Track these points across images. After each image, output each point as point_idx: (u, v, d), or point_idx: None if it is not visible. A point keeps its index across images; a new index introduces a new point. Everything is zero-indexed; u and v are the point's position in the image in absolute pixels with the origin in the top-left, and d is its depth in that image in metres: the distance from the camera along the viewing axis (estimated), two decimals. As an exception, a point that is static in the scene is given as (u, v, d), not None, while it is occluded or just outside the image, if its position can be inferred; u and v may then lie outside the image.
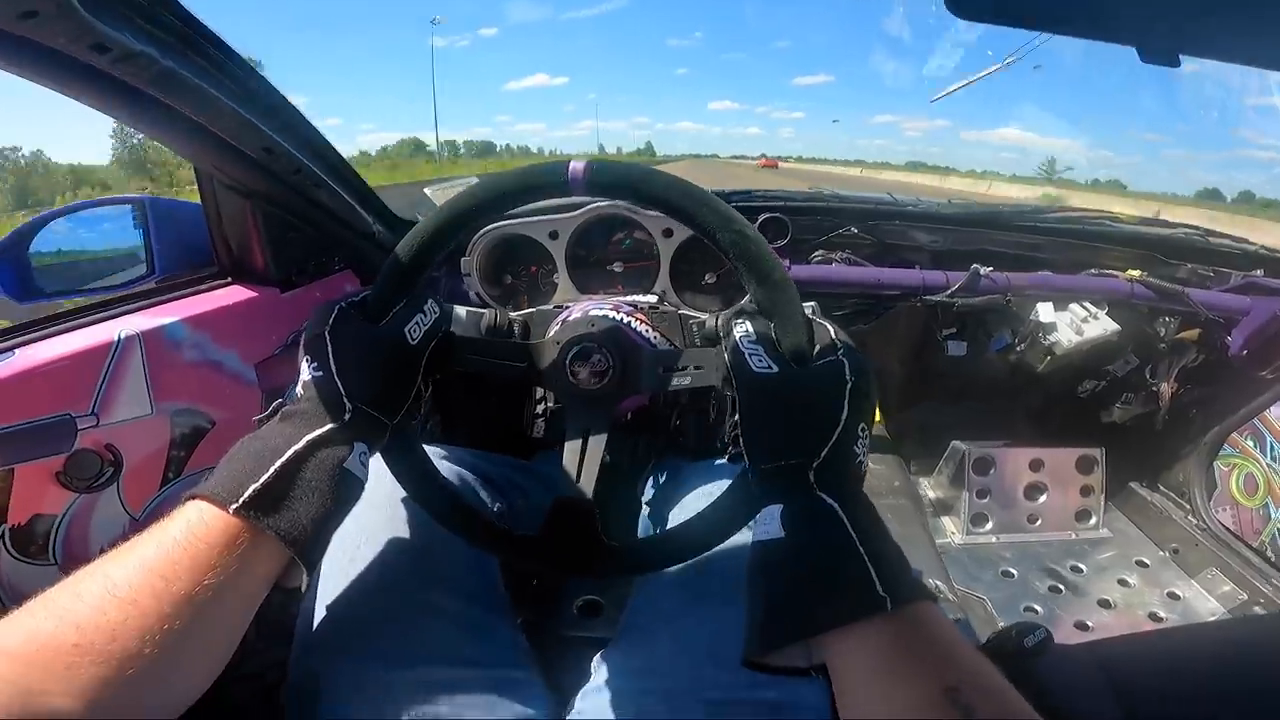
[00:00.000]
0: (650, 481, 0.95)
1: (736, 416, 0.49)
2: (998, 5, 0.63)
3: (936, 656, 0.38)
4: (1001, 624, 1.27)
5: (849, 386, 0.46)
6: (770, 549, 0.44)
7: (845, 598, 0.39)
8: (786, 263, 1.19)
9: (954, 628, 0.40)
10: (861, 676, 0.39)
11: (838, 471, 0.45)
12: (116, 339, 0.78)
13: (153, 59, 0.59)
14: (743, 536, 0.51)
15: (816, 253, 1.29)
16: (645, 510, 0.91)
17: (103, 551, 0.42)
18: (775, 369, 0.49)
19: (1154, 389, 1.43)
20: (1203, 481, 1.48)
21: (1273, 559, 1.31)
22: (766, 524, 0.45)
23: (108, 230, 0.97)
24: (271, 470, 0.44)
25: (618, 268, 1.11)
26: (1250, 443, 1.39)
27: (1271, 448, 1.35)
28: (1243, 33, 0.64)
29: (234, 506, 0.42)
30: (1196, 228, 1.44)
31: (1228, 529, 1.42)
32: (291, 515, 0.44)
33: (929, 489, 1.66)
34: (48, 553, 0.77)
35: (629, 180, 0.53)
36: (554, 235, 1.05)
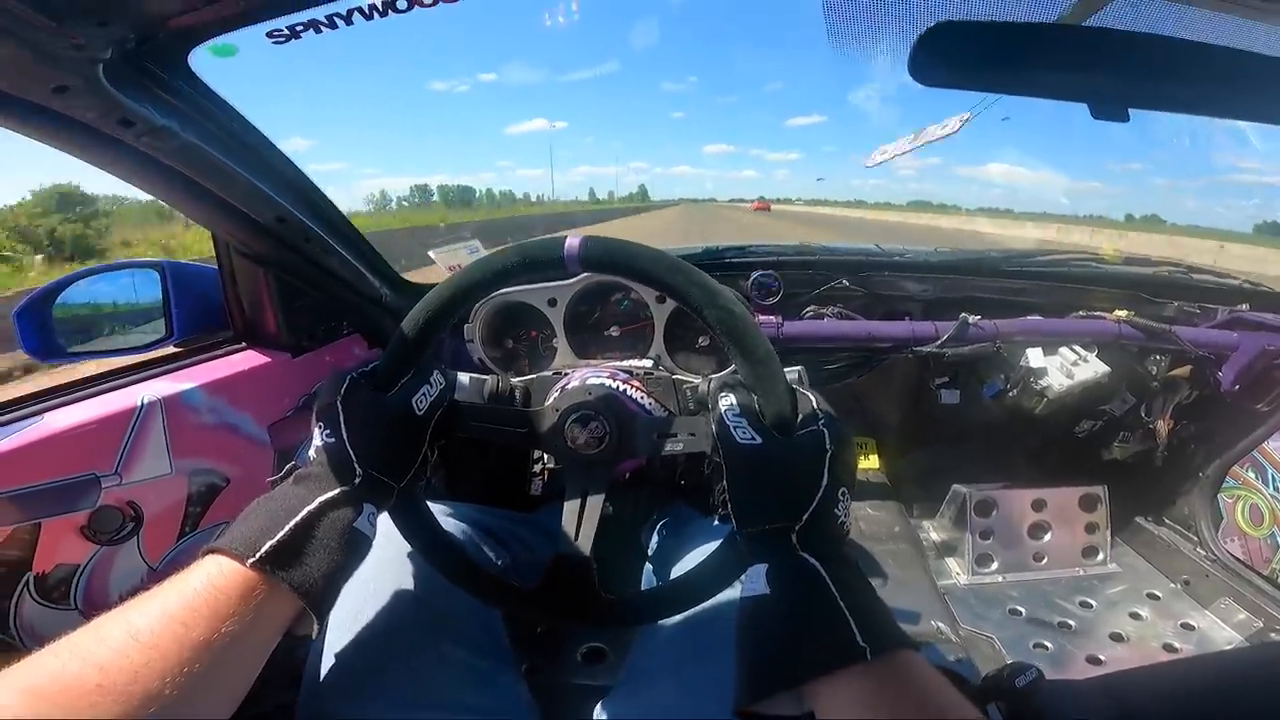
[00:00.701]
0: (654, 532, 0.97)
1: (724, 483, 0.52)
2: (957, 72, 0.69)
3: (915, 703, 0.40)
4: (1009, 661, 1.26)
5: (829, 455, 0.50)
6: (757, 605, 0.47)
7: (826, 649, 0.42)
8: (780, 319, 1.22)
9: (938, 676, 0.42)
10: None
11: (819, 533, 0.48)
12: (140, 404, 0.82)
13: (174, 133, 0.64)
14: (738, 589, 0.53)
15: (809, 308, 1.31)
16: (646, 561, 0.93)
17: (122, 598, 0.45)
18: (759, 440, 0.52)
19: (1151, 426, 1.44)
20: (1208, 514, 1.47)
21: None
22: (753, 582, 0.48)
23: (128, 292, 1.01)
24: (287, 528, 0.48)
25: (614, 332, 1.14)
26: (1252, 474, 1.39)
27: (1273, 479, 1.35)
28: (1182, 86, 0.69)
29: (251, 561, 0.45)
30: (1179, 265, 1.47)
31: (1237, 559, 1.41)
32: (305, 570, 0.47)
33: (932, 532, 1.66)
34: (69, 599, 0.80)
35: (622, 258, 0.57)
36: (552, 303, 1.09)
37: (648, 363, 1.05)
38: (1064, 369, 1.27)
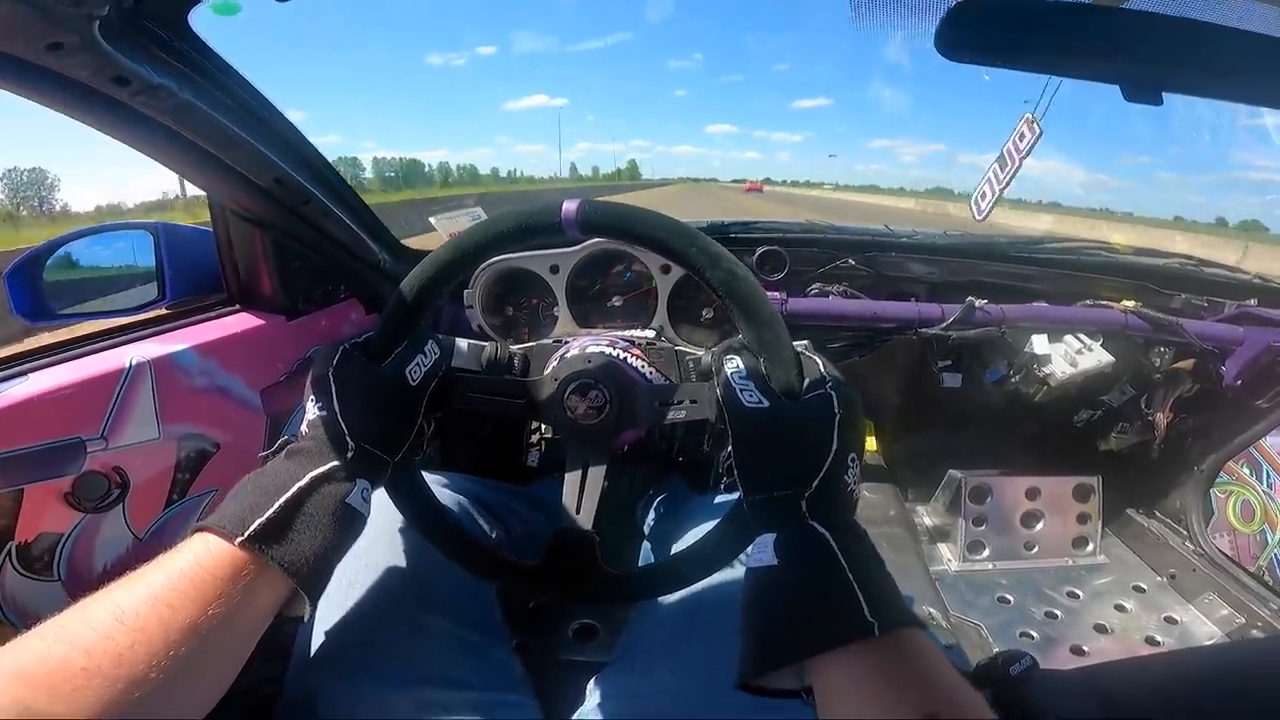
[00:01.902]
0: (650, 509, 0.97)
1: (730, 449, 0.51)
2: (986, 48, 0.66)
3: (919, 683, 0.39)
4: (996, 649, 1.28)
5: (838, 419, 0.48)
6: (764, 576, 0.46)
7: (833, 622, 0.41)
8: (784, 295, 1.21)
9: (941, 655, 0.41)
10: (844, 699, 0.40)
11: (829, 501, 0.46)
12: (128, 365, 0.80)
13: (171, 91, 0.61)
14: (737, 565, 0.53)
15: (814, 285, 1.30)
16: (644, 538, 0.93)
17: (106, 568, 0.44)
18: (766, 403, 0.50)
19: (1150, 418, 1.44)
20: (1200, 508, 1.48)
21: (1270, 583, 1.32)
22: (760, 552, 0.47)
23: (121, 253, 0.99)
24: (277, 505, 0.46)
25: (617, 302, 1.13)
26: (1246, 470, 1.40)
27: (1268, 475, 1.36)
28: (1218, 73, 0.66)
29: (240, 539, 0.44)
30: (1190, 258, 1.46)
31: (1225, 554, 1.42)
32: (295, 548, 0.46)
33: (926, 516, 1.67)
34: (52, 569, 0.78)
35: (620, 221, 0.55)
36: (555, 269, 1.07)
37: (650, 333, 1.03)
38: (1068, 357, 1.27)
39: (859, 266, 1.32)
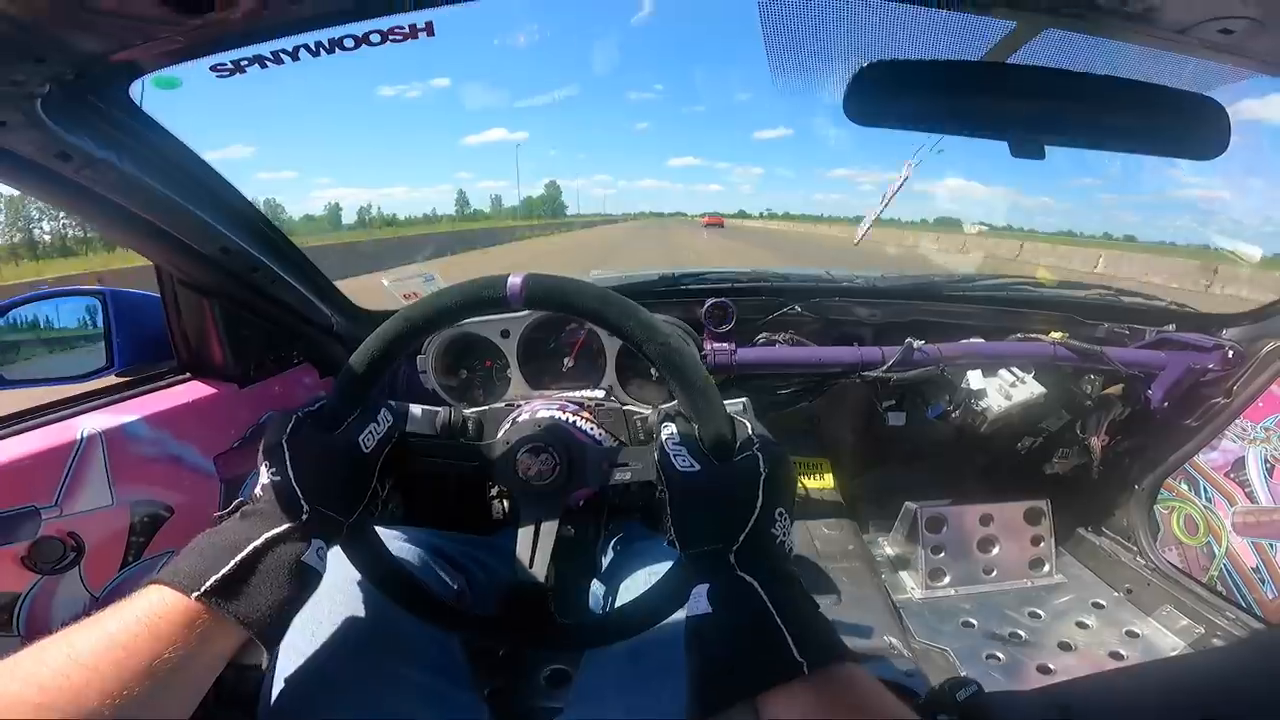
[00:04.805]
0: (608, 549, 0.98)
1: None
2: (887, 114, 0.73)
3: (855, 714, 0.42)
4: (964, 673, 1.30)
5: (763, 477, 0.52)
6: (701, 624, 0.49)
7: (764, 664, 0.44)
8: (733, 346, 1.25)
9: (879, 686, 0.44)
10: None
11: (756, 552, 0.50)
12: (80, 438, 0.81)
13: (111, 164, 0.64)
14: (684, 611, 0.55)
15: (761, 334, 1.34)
16: (597, 583, 0.94)
17: (65, 626, 0.45)
18: (697, 467, 0.54)
19: (1086, 442, 1.50)
20: (1146, 524, 1.53)
21: (1223, 592, 1.36)
22: (696, 601, 0.50)
23: (68, 319, 1.00)
24: (232, 563, 0.48)
25: (569, 363, 1.16)
26: (1185, 486, 1.45)
27: (1204, 490, 1.41)
28: (1093, 126, 0.73)
29: (195, 594, 0.46)
30: (1109, 288, 1.54)
31: (1176, 567, 1.46)
32: (250, 602, 0.48)
33: (887, 547, 1.70)
34: (12, 626, 0.78)
35: (563, 295, 0.58)
36: (505, 334, 1.10)
37: (600, 393, 1.06)
38: (1002, 390, 1.32)
39: (804, 313, 1.37)
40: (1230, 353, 1.32)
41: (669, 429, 0.58)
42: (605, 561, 0.97)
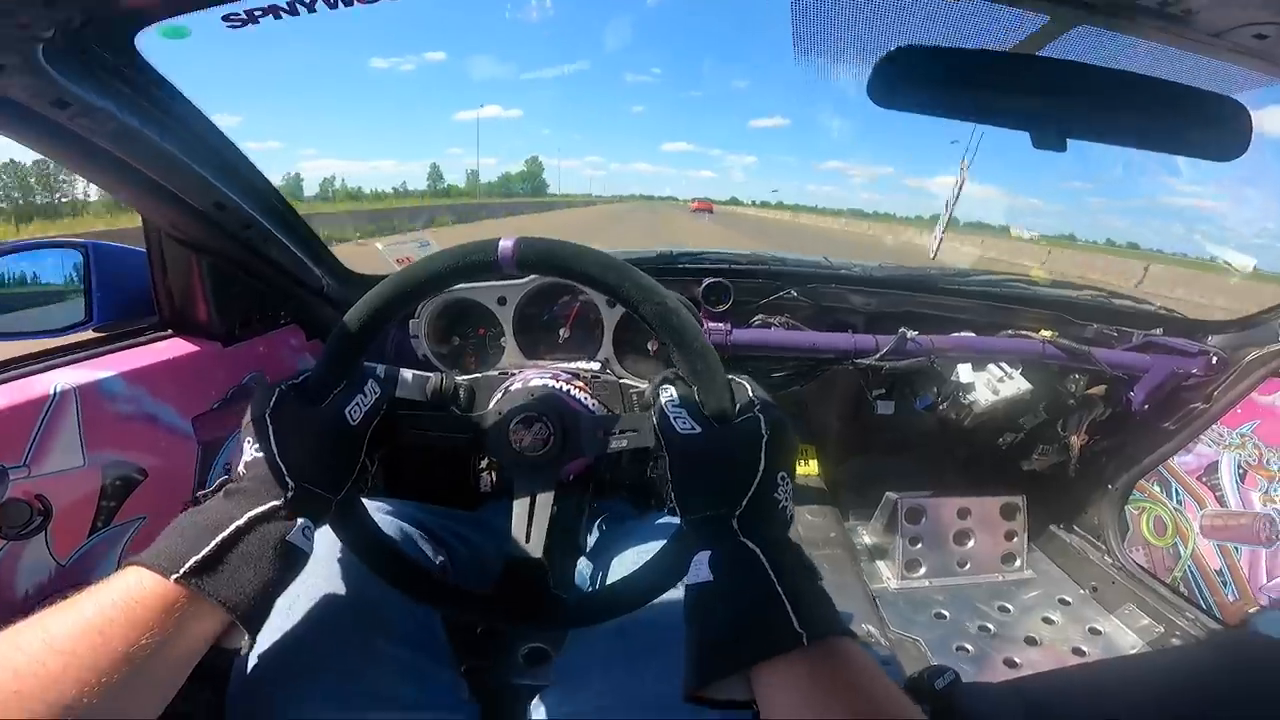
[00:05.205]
0: (593, 529, 0.98)
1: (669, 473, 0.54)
2: (912, 98, 0.72)
3: (850, 688, 0.41)
4: (934, 663, 1.33)
5: (765, 440, 0.51)
6: (701, 592, 0.48)
7: (764, 634, 0.43)
8: (729, 326, 1.25)
9: (873, 662, 0.43)
10: (781, 707, 0.42)
11: (760, 518, 0.49)
12: (53, 392, 0.77)
13: (111, 114, 0.61)
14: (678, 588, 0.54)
15: (758, 316, 1.34)
16: (587, 562, 0.94)
17: (28, 595, 0.44)
18: (698, 429, 0.53)
19: (1065, 441, 1.53)
20: (1116, 524, 1.57)
21: (1185, 594, 1.40)
22: (698, 569, 0.49)
23: (49, 272, 0.96)
24: (213, 544, 0.47)
25: (564, 334, 1.14)
26: (1157, 488, 1.49)
27: (1176, 493, 1.45)
28: (1115, 122, 0.73)
29: (175, 576, 0.44)
30: (1101, 290, 1.56)
31: (1142, 567, 1.51)
32: (233, 584, 0.46)
33: (866, 536, 1.73)
34: None
35: (556, 257, 0.57)
36: (502, 301, 1.08)
37: (595, 365, 1.05)
38: (990, 385, 1.34)
39: (800, 298, 1.37)
40: (1214, 359, 1.35)
41: (668, 392, 0.57)
42: (591, 541, 0.97)
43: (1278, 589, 1.22)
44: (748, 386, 0.57)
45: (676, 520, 0.56)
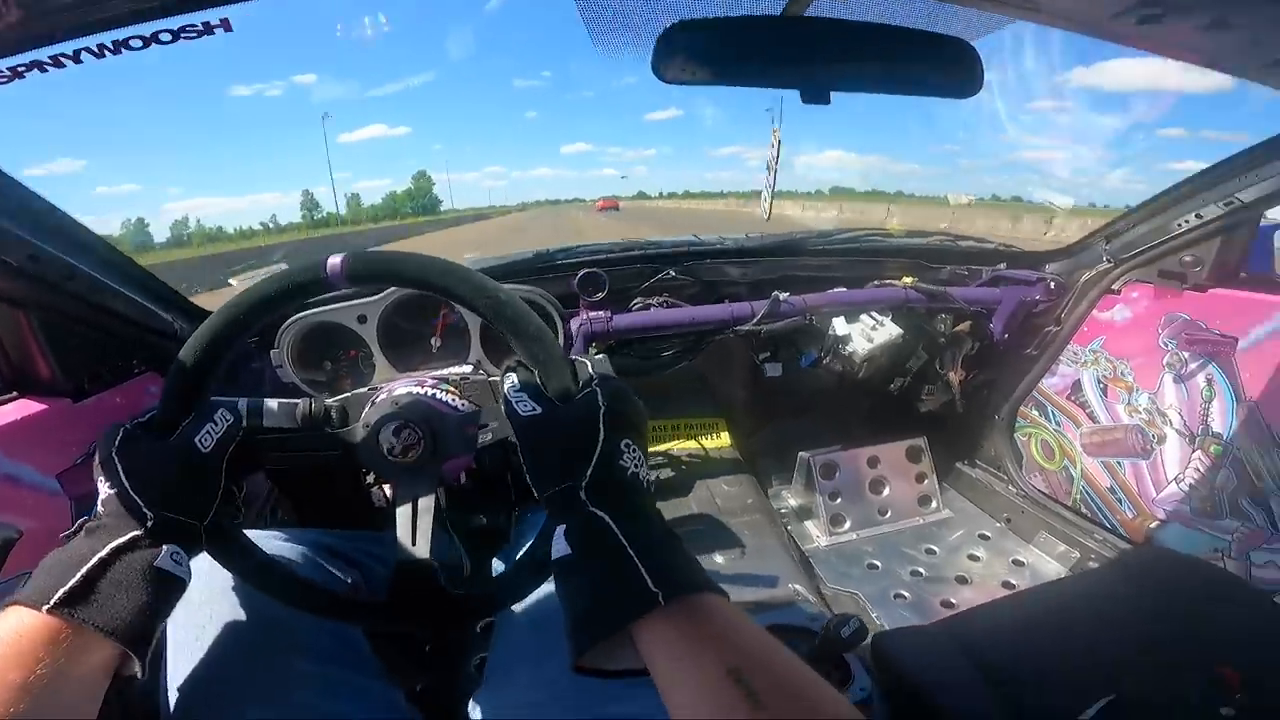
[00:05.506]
0: (522, 538, 0.98)
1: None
2: (692, 71, 0.78)
3: (717, 642, 0.42)
4: (875, 615, 1.37)
5: (603, 411, 0.53)
6: (564, 565, 0.49)
7: (621, 599, 0.44)
8: (609, 313, 1.28)
9: (740, 614, 0.45)
10: (659, 667, 0.43)
11: (606, 487, 0.51)
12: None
13: None
14: None
15: (637, 300, 1.37)
16: (497, 562, 0.94)
17: None
18: (539, 409, 0.55)
19: (946, 378, 1.63)
20: (1010, 453, 1.67)
21: (1088, 514, 1.49)
22: (559, 544, 0.50)
23: None
24: (80, 574, 0.46)
25: (436, 343, 1.14)
26: (1035, 413, 1.60)
27: (1053, 415, 1.56)
28: (868, 72, 0.81)
29: (46, 608, 0.44)
30: (948, 234, 1.69)
31: (1043, 492, 1.60)
32: (106, 610, 0.46)
33: (790, 499, 1.78)
34: None
35: (385, 267, 0.58)
36: (362, 319, 1.08)
37: (468, 368, 1.06)
38: (865, 334, 1.42)
39: (680, 277, 1.42)
40: (1053, 284, 1.48)
41: (510, 379, 0.59)
42: (520, 536, 0.97)
43: (1169, 501, 1.31)
44: (589, 365, 0.59)
45: None
